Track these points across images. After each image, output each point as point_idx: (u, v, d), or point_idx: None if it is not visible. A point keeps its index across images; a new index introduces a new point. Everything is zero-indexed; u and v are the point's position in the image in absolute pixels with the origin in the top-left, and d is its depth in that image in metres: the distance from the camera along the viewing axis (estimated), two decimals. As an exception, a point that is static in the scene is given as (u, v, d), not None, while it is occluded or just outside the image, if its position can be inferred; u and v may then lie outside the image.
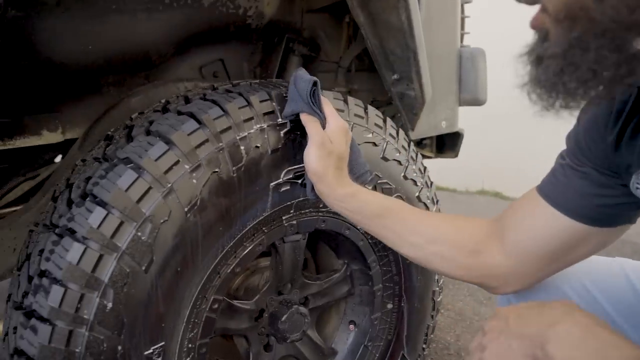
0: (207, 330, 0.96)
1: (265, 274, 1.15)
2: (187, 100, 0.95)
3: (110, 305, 0.79)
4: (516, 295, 0.90)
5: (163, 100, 1.01)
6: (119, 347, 0.81)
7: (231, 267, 0.96)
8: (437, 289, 1.36)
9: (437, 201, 1.32)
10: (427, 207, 1.26)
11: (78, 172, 0.92)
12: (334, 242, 1.22)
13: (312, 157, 0.90)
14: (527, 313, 0.70)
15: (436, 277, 1.33)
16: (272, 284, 1.12)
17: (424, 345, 1.38)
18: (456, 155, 1.82)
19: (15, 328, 0.83)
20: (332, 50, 1.66)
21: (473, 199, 3.95)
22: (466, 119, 1.85)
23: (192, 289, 0.89)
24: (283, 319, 1.10)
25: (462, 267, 0.88)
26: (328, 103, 0.96)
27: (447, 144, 1.81)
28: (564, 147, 0.82)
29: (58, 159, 1.47)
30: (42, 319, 0.78)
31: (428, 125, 1.57)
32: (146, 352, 0.84)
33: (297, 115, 0.93)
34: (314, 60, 1.59)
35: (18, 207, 1.28)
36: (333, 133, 0.93)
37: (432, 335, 1.41)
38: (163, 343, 0.86)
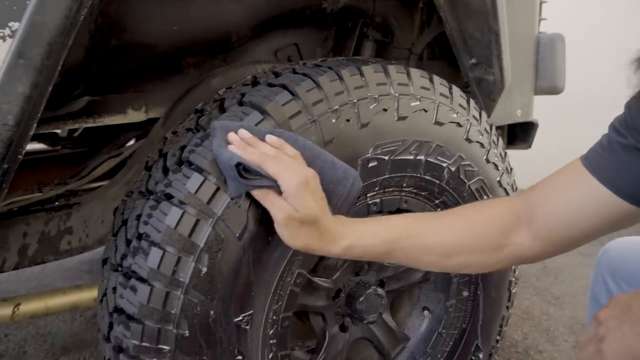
0: (290, 303, 0.96)
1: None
2: (277, 75, 0.96)
3: (204, 270, 0.81)
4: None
5: (250, 76, 1.02)
6: (212, 312, 0.83)
7: (316, 242, 0.96)
8: (514, 279, 1.31)
9: (515, 188, 1.29)
10: (506, 193, 1.22)
11: (171, 142, 0.94)
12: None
13: (286, 237, 0.78)
14: None
15: (513, 267, 1.29)
16: (350, 264, 1.11)
17: (497, 337, 1.34)
18: (529, 147, 1.76)
19: (114, 288, 0.86)
20: (404, 37, 1.64)
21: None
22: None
23: (279, 261, 0.90)
24: (360, 299, 1.09)
25: (489, 266, 0.86)
26: (268, 143, 0.79)
27: (519, 134, 1.75)
28: None
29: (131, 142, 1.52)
30: (141, 280, 0.81)
31: (503, 112, 1.53)
32: (236, 319, 0.85)
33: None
34: (387, 46, 1.58)
35: (104, 182, 1.33)
36: (294, 198, 0.76)
37: (505, 328, 1.37)
38: (252, 312, 0.87)
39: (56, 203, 1.25)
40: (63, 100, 1.19)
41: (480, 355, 1.29)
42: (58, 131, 2.10)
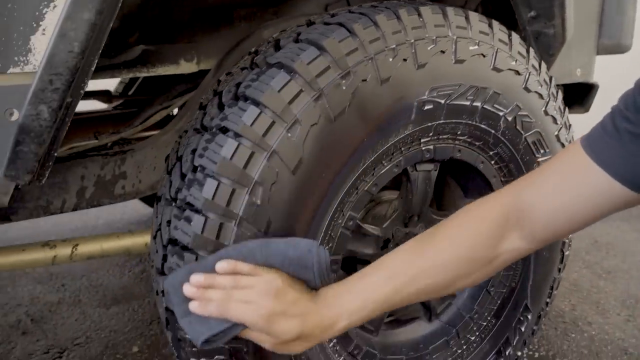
0: (340, 246, 0.96)
1: (393, 204, 1.13)
2: (333, 15, 0.94)
3: (258, 202, 0.81)
4: None
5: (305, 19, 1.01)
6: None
7: (368, 185, 0.95)
8: (567, 241, 1.27)
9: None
10: (564, 147, 1.17)
11: (225, 81, 0.94)
12: (463, 177, 1.18)
13: (285, 352, 0.76)
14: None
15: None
16: (400, 214, 1.10)
17: (548, 300, 1.30)
18: (586, 111, 1.67)
19: (168, 221, 0.88)
20: (457, -8, 1.59)
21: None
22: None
23: (332, 200, 0.89)
24: (409, 249, 1.08)
25: (486, 276, 0.81)
26: (220, 273, 0.75)
27: (577, 97, 1.66)
28: None
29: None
30: (195, 211, 0.82)
31: (561, 71, 1.46)
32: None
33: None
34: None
35: (156, 132, 1.36)
36: (269, 330, 0.72)
37: (555, 292, 1.33)
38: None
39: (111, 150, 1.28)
40: (120, 48, 1.22)
41: (529, 317, 1.26)
42: (111, 89, 2.16)
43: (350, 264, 1.10)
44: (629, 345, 1.60)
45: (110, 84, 2.18)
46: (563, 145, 1.17)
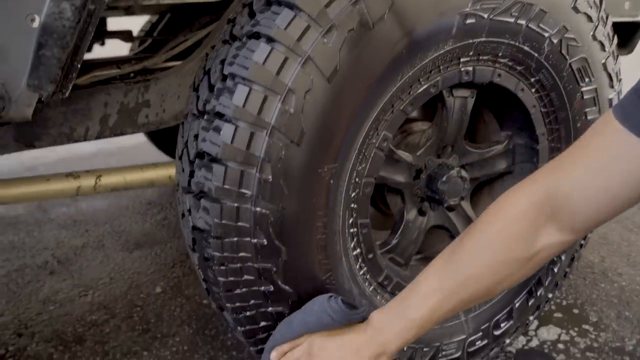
0: (373, 168, 0.92)
1: (426, 133, 1.08)
2: None
3: (291, 111, 0.77)
4: None
5: None
6: (297, 158, 0.79)
7: (404, 104, 0.90)
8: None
9: (620, 79, 1.16)
10: (610, 80, 1.11)
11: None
12: (500, 108, 1.12)
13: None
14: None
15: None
16: (433, 143, 1.05)
17: (582, 242, 1.25)
18: (630, 52, 1.59)
19: (195, 136, 0.84)
20: None
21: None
22: None
23: (369, 113, 0.85)
24: (443, 179, 1.04)
25: (529, 273, 0.77)
26: None
27: (620, 36, 1.57)
28: None
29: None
30: (225, 120, 0.78)
31: (609, 2, 1.37)
32: (320, 170, 0.82)
33: None
34: None
35: (180, 62, 1.31)
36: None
37: (584, 242, 1.28)
38: (336, 164, 0.83)
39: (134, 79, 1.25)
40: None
41: (562, 258, 1.22)
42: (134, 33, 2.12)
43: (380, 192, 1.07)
44: (664, 294, 1.55)
45: (135, 24, 2.14)
46: (610, 76, 1.10)
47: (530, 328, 1.39)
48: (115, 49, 1.99)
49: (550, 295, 1.24)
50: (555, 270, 1.21)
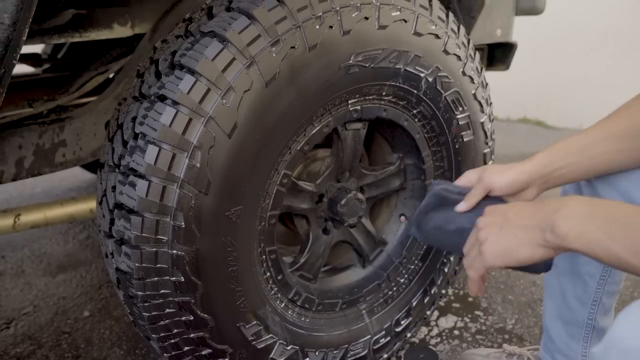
0: (277, 202, 1.04)
1: (326, 161, 1.22)
2: (262, -17, 0.98)
3: (198, 165, 0.87)
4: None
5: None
6: (205, 205, 0.90)
7: (300, 145, 1.03)
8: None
9: (490, 103, 1.35)
10: (481, 106, 1.29)
11: (161, 49, 0.98)
12: (390, 134, 1.27)
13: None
14: (525, 209, 0.76)
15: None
16: (332, 170, 1.19)
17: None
18: (507, 68, 1.81)
19: (113, 187, 0.92)
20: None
21: (514, 127, 3.93)
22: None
23: (267, 159, 0.96)
24: (342, 202, 1.18)
25: None
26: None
27: (498, 56, 1.80)
28: (616, 73, 0.81)
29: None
30: (139, 176, 0.87)
31: (483, 31, 1.57)
32: (227, 213, 0.93)
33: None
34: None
35: (94, 98, 1.36)
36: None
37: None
38: (241, 206, 0.95)
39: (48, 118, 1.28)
40: (49, 13, 1.21)
41: (451, 259, 1.40)
42: (40, 52, 2.09)
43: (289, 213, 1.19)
44: (537, 278, 1.80)
45: (38, 46, 2.11)
46: (480, 103, 1.29)
47: (432, 319, 1.58)
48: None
49: (443, 292, 1.43)
50: (446, 270, 1.39)
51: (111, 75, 1.58)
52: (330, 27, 0.95)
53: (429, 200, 0.98)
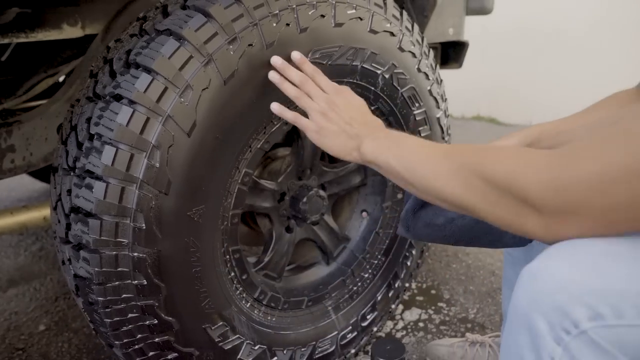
0: (238, 201, 1.03)
1: (286, 159, 1.22)
2: (217, -19, 0.98)
3: (157, 164, 0.86)
4: None
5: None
6: (166, 206, 0.88)
7: (261, 143, 1.02)
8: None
9: (445, 99, 1.39)
10: (436, 102, 1.32)
11: (115, 48, 0.96)
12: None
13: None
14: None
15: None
16: (293, 169, 1.19)
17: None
18: (460, 66, 1.86)
19: (69, 191, 0.89)
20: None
21: (469, 124, 4.05)
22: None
23: (227, 158, 0.95)
24: (304, 200, 1.18)
25: None
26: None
27: (451, 55, 1.85)
28: (562, 72, 0.85)
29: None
30: (96, 177, 0.85)
31: (435, 30, 1.61)
32: (188, 213, 0.92)
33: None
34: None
35: (44, 101, 1.31)
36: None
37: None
38: (203, 206, 0.94)
39: (-6, 122, 1.23)
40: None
41: (414, 252, 1.43)
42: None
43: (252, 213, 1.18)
44: (495, 268, 1.86)
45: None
46: (435, 99, 1.32)
47: (397, 312, 1.61)
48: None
49: (407, 285, 1.45)
50: (409, 263, 1.42)
51: (61, 79, 1.53)
52: (287, 24, 0.96)
53: (413, 201, 0.99)
